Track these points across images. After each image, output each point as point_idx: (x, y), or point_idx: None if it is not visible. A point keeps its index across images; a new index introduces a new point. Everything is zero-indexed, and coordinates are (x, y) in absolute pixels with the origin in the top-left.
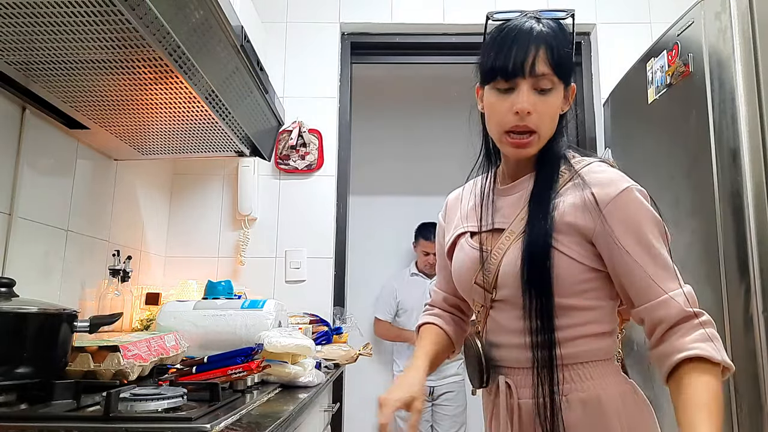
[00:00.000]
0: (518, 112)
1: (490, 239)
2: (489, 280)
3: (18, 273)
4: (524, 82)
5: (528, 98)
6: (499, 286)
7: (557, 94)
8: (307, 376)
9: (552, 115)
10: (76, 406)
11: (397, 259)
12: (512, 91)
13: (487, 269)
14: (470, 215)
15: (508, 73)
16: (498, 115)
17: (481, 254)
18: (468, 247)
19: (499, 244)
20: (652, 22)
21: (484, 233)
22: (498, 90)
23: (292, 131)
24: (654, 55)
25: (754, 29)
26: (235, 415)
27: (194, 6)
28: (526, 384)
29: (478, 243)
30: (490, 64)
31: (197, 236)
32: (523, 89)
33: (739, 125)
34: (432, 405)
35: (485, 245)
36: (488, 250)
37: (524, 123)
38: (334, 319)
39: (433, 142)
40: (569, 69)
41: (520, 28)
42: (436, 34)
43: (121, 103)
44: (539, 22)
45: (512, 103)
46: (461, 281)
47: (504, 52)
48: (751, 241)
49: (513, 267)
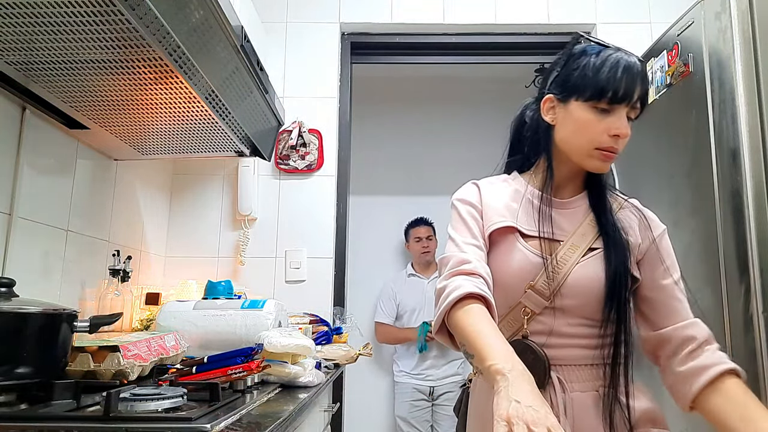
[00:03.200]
0: (618, 136)
1: (548, 247)
2: (551, 288)
3: (18, 273)
4: (623, 109)
5: (627, 124)
6: (563, 295)
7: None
8: (307, 376)
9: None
10: (76, 406)
11: (397, 259)
12: (607, 113)
13: (549, 277)
14: (514, 214)
15: (617, 98)
16: (592, 133)
17: (545, 262)
18: (526, 251)
19: (562, 254)
20: (652, 22)
21: (543, 240)
22: (596, 109)
23: (292, 131)
24: (654, 55)
25: (754, 29)
26: (235, 415)
27: (194, 6)
28: (579, 379)
29: (538, 249)
30: (596, 85)
31: (197, 236)
32: (622, 115)
33: (739, 125)
34: (432, 405)
35: (545, 253)
36: (548, 259)
37: (617, 146)
38: (334, 319)
39: (433, 142)
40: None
41: (627, 60)
42: (436, 34)
43: (121, 103)
44: (637, 60)
45: (609, 125)
46: (511, 282)
47: (616, 78)
48: (751, 241)
49: (590, 281)
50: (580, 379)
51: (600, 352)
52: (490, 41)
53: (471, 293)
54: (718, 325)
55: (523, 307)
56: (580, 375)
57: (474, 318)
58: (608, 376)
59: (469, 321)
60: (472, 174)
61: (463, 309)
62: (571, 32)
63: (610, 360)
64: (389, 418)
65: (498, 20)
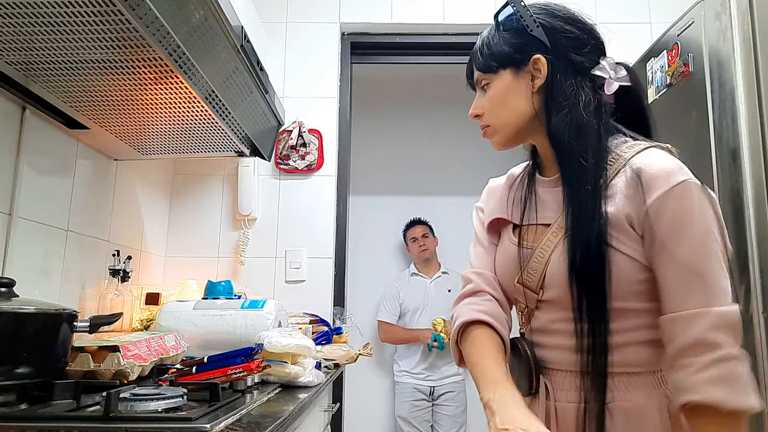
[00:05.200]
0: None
1: (533, 234)
2: (535, 280)
3: (18, 273)
4: (478, 90)
5: (475, 104)
6: (546, 286)
7: (498, 82)
8: (307, 376)
9: (501, 102)
10: (76, 406)
11: (397, 259)
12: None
13: (532, 268)
14: (504, 205)
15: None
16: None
17: (519, 252)
18: (508, 243)
19: (545, 240)
20: (652, 22)
21: (525, 227)
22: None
23: (292, 131)
24: (654, 55)
25: (754, 29)
26: (235, 415)
27: (194, 6)
28: (566, 387)
29: (527, 239)
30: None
31: (197, 236)
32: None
33: (739, 125)
34: (432, 405)
35: (527, 241)
36: (532, 248)
37: (482, 123)
38: (334, 319)
39: (433, 141)
40: (499, 55)
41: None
42: (436, 34)
43: (121, 103)
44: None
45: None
46: (503, 280)
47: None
48: (751, 241)
49: (560, 267)
50: (568, 387)
51: (579, 356)
52: None
53: (471, 321)
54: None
55: (518, 303)
56: (568, 382)
57: (471, 348)
58: (588, 386)
59: (467, 353)
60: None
61: (467, 339)
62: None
63: (589, 368)
64: (389, 418)
65: None
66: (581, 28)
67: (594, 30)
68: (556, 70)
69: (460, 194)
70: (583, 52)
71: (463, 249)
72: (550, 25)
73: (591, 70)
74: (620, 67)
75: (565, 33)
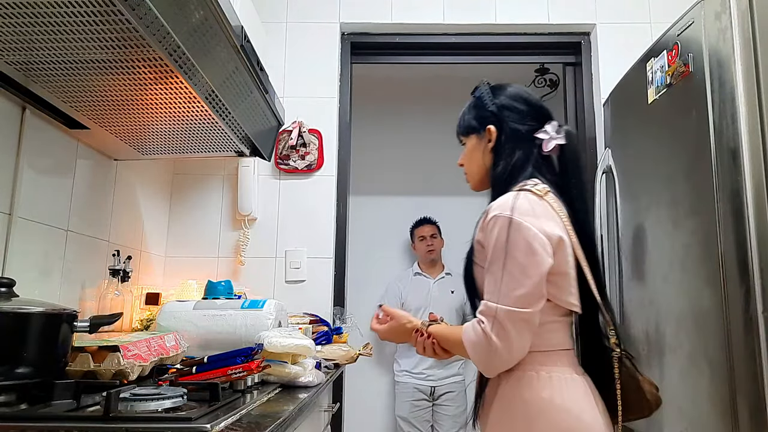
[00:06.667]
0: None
1: None
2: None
3: (18, 273)
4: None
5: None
6: None
7: (469, 144)
8: (307, 376)
9: (470, 158)
10: (76, 406)
11: (397, 259)
12: None
13: None
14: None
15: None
16: None
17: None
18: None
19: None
20: (652, 22)
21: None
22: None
23: (292, 131)
24: (654, 55)
25: (754, 29)
26: (235, 415)
27: (194, 6)
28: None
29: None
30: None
31: (197, 236)
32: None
33: (739, 125)
34: (433, 405)
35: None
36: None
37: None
38: (334, 319)
39: (433, 142)
40: (467, 126)
41: None
42: (436, 34)
43: (121, 103)
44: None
45: None
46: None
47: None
48: (751, 241)
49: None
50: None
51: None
52: (490, 41)
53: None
54: (718, 326)
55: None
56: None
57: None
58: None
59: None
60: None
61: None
62: (571, 32)
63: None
64: (390, 418)
65: (498, 20)
66: (527, 104)
67: (538, 104)
68: (501, 136)
69: (460, 194)
70: (526, 122)
71: (464, 250)
72: (500, 103)
73: (533, 133)
74: (561, 129)
75: (512, 109)
